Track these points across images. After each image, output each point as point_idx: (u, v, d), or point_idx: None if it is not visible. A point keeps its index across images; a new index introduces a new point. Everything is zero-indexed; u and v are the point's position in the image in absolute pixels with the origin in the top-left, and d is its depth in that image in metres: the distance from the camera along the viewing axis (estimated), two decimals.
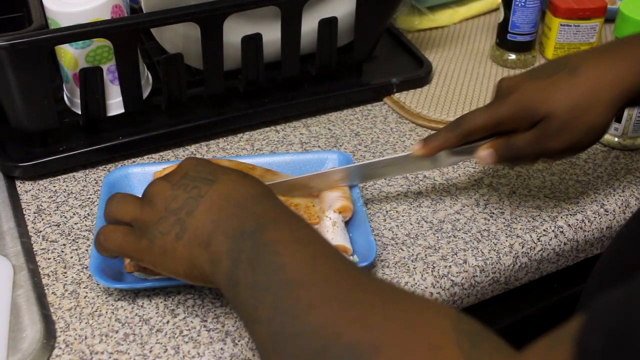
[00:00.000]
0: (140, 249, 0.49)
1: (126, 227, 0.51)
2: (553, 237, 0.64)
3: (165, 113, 0.75)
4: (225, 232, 0.45)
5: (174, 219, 0.48)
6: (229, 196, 0.47)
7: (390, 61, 0.86)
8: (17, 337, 0.53)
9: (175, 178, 0.50)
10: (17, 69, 0.63)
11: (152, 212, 0.49)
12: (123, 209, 0.51)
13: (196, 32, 0.69)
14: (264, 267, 0.42)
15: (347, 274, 0.42)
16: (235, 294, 0.43)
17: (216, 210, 0.47)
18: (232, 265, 0.44)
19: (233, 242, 0.45)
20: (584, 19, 0.85)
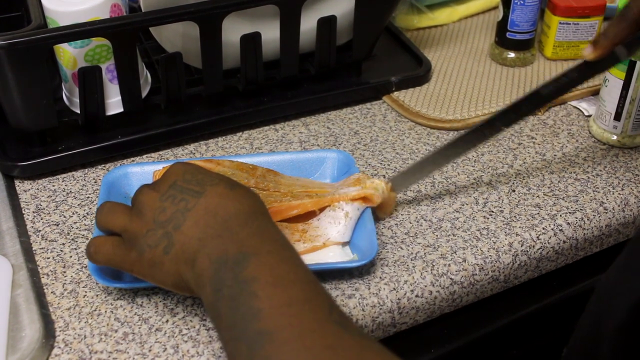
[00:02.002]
0: (130, 261, 0.50)
1: (116, 238, 0.51)
2: (552, 236, 0.64)
3: (164, 112, 0.74)
4: (210, 256, 0.46)
5: (161, 233, 0.48)
6: (215, 212, 0.47)
7: (389, 60, 0.86)
8: (16, 337, 0.53)
9: (164, 187, 0.50)
10: (15, 68, 0.63)
11: (141, 223, 0.49)
12: (113, 219, 0.51)
13: (195, 31, 0.69)
14: (242, 310, 0.42)
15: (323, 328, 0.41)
16: (218, 326, 0.44)
17: (202, 227, 0.47)
18: (214, 297, 0.44)
19: (216, 271, 0.45)
20: (583, 17, 0.85)
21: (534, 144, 0.75)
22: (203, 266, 0.46)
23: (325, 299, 0.44)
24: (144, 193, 0.51)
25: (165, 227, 0.48)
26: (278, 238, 0.47)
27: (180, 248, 0.47)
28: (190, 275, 0.47)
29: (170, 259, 0.48)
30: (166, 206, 0.49)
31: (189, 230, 0.47)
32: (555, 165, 0.72)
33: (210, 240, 0.46)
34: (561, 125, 0.78)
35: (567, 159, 0.73)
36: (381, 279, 0.59)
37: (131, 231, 0.50)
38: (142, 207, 0.50)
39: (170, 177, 0.51)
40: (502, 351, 0.75)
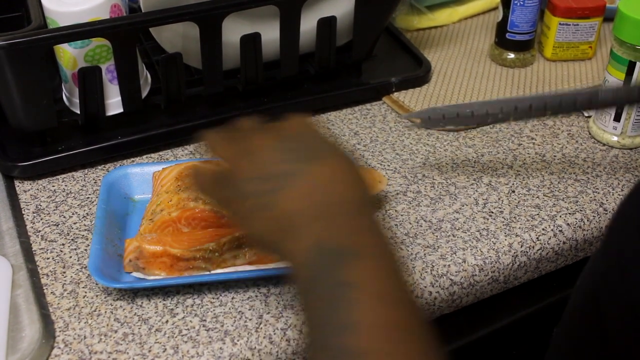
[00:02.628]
0: (230, 200, 0.48)
1: (220, 171, 0.49)
2: (552, 236, 0.64)
3: (164, 112, 0.74)
4: (310, 235, 0.43)
5: (268, 187, 0.45)
6: (325, 190, 0.44)
7: (389, 60, 0.86)
8: (16, 337, 0.53)
9: (279, 136, 0.48)
10: (15, 69, 0.63)
11: (250, 166, 0.47)
12: (222, 147, 0.50)
13: (195, 32, 0.69)
14: (335, 317, 0.38)
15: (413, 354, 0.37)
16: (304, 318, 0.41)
17: (308, 201, 0.44)
18: (306, 286, 0.41)
19: (313, 258, 0.41)
20: (583, 18, 0.85)
21: (534, 144, 0.75)
22: (300, 245, 0.43)
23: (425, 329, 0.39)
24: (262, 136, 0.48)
25: (273, 183, 0.45)
26: (382, 240, 0.43)
27: (280, 212, 0.44)
28: (283, 245, 0.44)
29: (268, 217, 0.45)
30: (277, 158, 0.46)
31: (294, 198, 0.44)
32: (555, 166, 0.72)
33: (313, 221, 0.43)
34: (561, 126, 0.78)
35: (566, 160, 0.73)
36: None
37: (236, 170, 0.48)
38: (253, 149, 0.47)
39: (289, 128, 0.48)
40: (502, 352, 0.75)
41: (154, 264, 0.57)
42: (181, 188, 0.61)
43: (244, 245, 0.59)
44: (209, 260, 0.58)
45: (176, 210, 0.60)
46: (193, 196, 0.60)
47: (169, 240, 0.58)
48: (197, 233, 0.59)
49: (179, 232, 0.60)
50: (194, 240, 0.58)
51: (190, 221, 0.60)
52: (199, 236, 0.58)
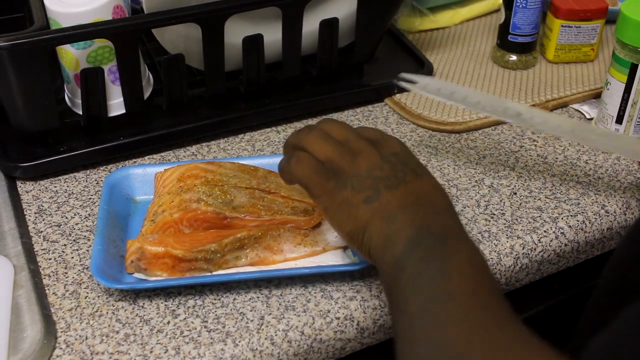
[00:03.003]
0: (325, 188, 0.51)
1: (319, 162, 0.52)
2: (554, 238, 0.64)
3: (166, 114, 0.75)
4: (413, 222, 0.47)
5: (371, 183, 0.49)
6: (427, 196, 0.49)
7: (391, 62, 0.86)
8: (17, 337, 0.53)
9: (386, 152, 0.51)
10: (18, 70, 0.63)
11: (352, 165, 0.50)
12: (321, 146, 0.52)
13: (197, 33, 0.69)
14: (433, 269, 0.44)
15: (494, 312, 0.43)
16: (395, 280, 0.45)
17: (412, 200, 0.48)
18: (406, 252, 0.46)
19: (416, 232, 0.46)
20: (585, 20, 0.85)
21: (536, 146, 0.75)
22: (403, 225, 0.47)
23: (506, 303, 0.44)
24: (365, 143, 0.52)
25: (376, 182, 0.49)
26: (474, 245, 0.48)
27: (383, 205, 0.48)
28: (381, 231, 0.48)
29: (367, 209, 0.49)
30: (385, 166, 0.50)
31: (398, 196, 0.49)
32: (556, 168, 0.72)
33: (416, 212, 0.48)
34: None
35: (568, 162, 0.73)
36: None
37: (338, 165, 0.51)
38: (359, 153, 0.51)
39: (392, 146, 0.52)
40: None
41: (156, 264, 0.57)
42: (183, 189, 0.61)
43: (246, 247, 0.59)
44: (210, 261, 0.58)
45: (178, 212, 0.60)
46: (195, 197, 0.60)
47: (170, 241, 0.58)
48: (199, 234, 0.59)
49: (181, 233, 0.60)
50: (195, 241, 0.58)
51: (192, 222, 0.60)
52: (200, 237, 0.58)
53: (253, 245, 0.59)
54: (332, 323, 0.56)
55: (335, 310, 0.56)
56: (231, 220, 0.60)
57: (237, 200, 0.61)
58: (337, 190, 0.50)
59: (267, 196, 0.62)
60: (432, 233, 0.46)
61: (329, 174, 0.51)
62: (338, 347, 0.57)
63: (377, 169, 0.50)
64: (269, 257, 0.59)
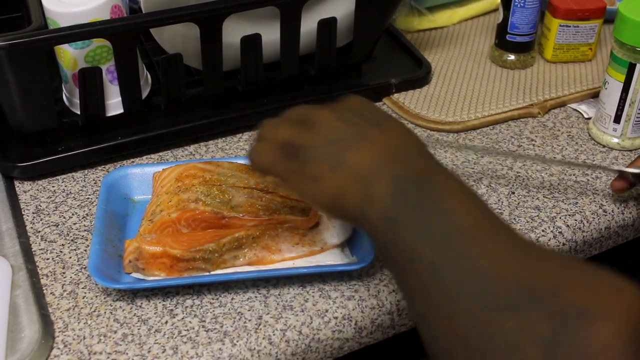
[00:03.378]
0: (290, 170, 0.49)
1: (278, 146, 0.50)
2: (552, 238, 0.64)
3: (164, 113, 0.75)
4: (388, 174, 0.45)
5: (331, 150, 0.47)
6: (390, 140, 0.47)
7: (389, 62, 0.86)
8: (15, 337, 0.53)
9: (339, 110, 0.50)
10: (16, 69, 0.63)
11: (310, 136, 0.49)
12: (277, 130, 0.51)
13: (195, 33, 0.69)
14: (430, 211, 0.42)
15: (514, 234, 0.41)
16: (391, 234, 0.43)
17: (379, 153, 0.46)
18: (392, 206, 0.43)
19: (396, 184, 0.44)
20: (583, 20, 0.85)
21: (534, 146, 0.75)
22: (380, 182, 0.44)
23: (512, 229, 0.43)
24: (318, 111, 0.50)
25: (336, 146, 0.47)
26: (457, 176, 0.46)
27: (351, 169, 0.46)
28: (358, 193, 0.45)
29: (335, 177, 0.46)
30: (340, 126, 0.48)
31: (363, 154, 0.46)
32: (554, 167, 0.72)
33: (390, 162, 0.45)
34: (561, 127, 0.78)
35: (566, 162, 0.73)
36: (380, 281, 0.59)
37: (297, 143, 0.49)
38: (313, 122, 0.49)
39: (347, 103, 0.51)
40: None
41: (154, 264, 0.57)
42: (181, 189, 0.61)
43: (244, 246, 0.59)
44: (208, 261, 0.58)
45: (176, 211, 0.60)
46: (194, 197, 0.60)
47: (168, 241, 0.58)
48: (197, 234, 0.59)
49: (179, 233, 0.60)
50: (193, 241, 0.58)
51: (190, 222, 0.60)
52: (198, 237, 0.58)
53: (251, 245, 0.59)
54: (330, 323, 0.56)
55: (333, 309, 0.56)
56: (229, 220, 0.60)
57: (235, 199, 0.61)
58: (300, 167, 0.48)
59: (265, 196, 0.62)
60: (413, 179, 0.44)
61: (290, 155, 0.49)
62: (336, 347, 0.57)
63: (334, 133, 0.48)
64: (267, 257, 0.59)
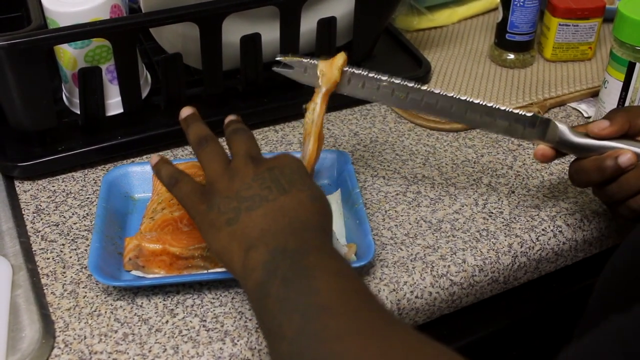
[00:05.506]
0: (197, 210, 0.51)
1: (198, 185, 0.53)
2: (552, 237, 0.64)
3: (164, 113, 0.74)
4: (268, 245, 0.47)
5: (235, 205, 0.49)
6: (287, 213, 0.48)
7: (389, 61, 0.86)
8: (16, 337, 0.53)
9: (262, 168, 0.51)
10: (15, 69, 0.63)
11: (227, 186, 0.51)
12: (210, 166, 0.53)
13: (195, 32, 0.69)
14: (298, 287, 0.43)
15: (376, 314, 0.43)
16: (262, 306, 0.44)
17: (270, 220, 0.48)
18: (265, 277, 0.45)
19: (272, 257, 0.46)
20: (583, 19, 0.86)
21: (534, 145, 0.75)
22: (258, 251, 0.46)
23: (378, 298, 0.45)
24: (246, 164, 0.52)
25: (240, 203, 0.49)
26: (338, 256, 0.47)
27: (240, 229, 0.48)
28: (239, 256, 0.47)
29: (228, 233, 0.49)
30: (253, 185, 0.50)
31: (256, 218, 0.48)
32: (554, 166, 0.72)
33: (273, 233, 0.47)
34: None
35: (566, 160, 0.73)
36: (381, 280, 0.59)
37: (216, 187, 0.51)
38: (236, 173, 0.51)
39: (274, 162, 0.52)
40: (501, 352, 0.75)
41: (154, 262, 0.57)
42: None
43: None
44: (207, 258, 0.58)
45: (178, 210, 0.60)
46: None
47: (168, 238, 0.58)
48: (196, 232, 0.59)
49: (179, 231, 0.60)
50: (193, 239, 0.58)
51: (192, 221, 0.60)
52: (198, 235, 0.58)
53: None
54: None
55: None
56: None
57: None
58: (206, 212, 0.50)
59: None
60: (289, 252, 0.45)
61: (203, 197, 0.51)
62: None
63: (245, 189, 0.50)
64: None
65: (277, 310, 0.43)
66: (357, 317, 0.41)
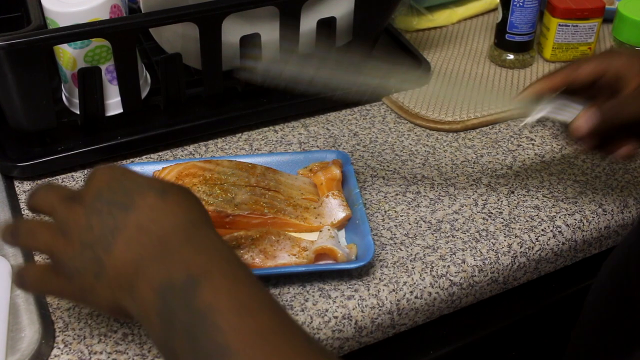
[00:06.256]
0: (60, 288, 0.45)
1: (42, 263, 0.46)
2: (551, 237, 0.64)
3: (163, 113, 0.75)
4: (151, 283, 0.40)
5: (90, 255, 0.43)
6: (148, 230, 0.42)
7: (389, 61, 0.86)
8: (15, 337, 0.53)
9: (89, 199, 0.44)
10: (15, 69, 0.63)
11: (67, 244, 0.44)
12: (34, 240, 0.46)
13: (195, 32, 0.69)
14: (205, 348, 0.37)
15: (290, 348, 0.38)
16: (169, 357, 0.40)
17: (136, 248, 0.42)
18: (164, 332, 0.39)
19: (162, 300, 0.40)
20: (582, 19, 0.86)
21: (533, 145, 0.75)
22: (144, 295, 0.40)
23: (298, 328, 0.39)
24: (68, 209, 0.44)
25: (94, 249, 0.42)
26: (227, 255, 0.42)
27: (113, 274, 0.42)
28: (129, 303, 0.42)
29: (102, 285, 0.42)
30: (93, 223, 0.43)
31: (121, 254, 0.42)
32: (554, 167, 0.72)
33: (149, 263, 0.41)
34: (560, 127, 0.78)
35: (566, 161, 0.73)
36: (380, 280, 0.59)
37: (57, 253, 0.44)
38: (66, 225, 0.44)
39: (95, 186, 0.44)
40: (501, 352, 0.75)
41: None
42: None
43: (242, 246, 0.58)
44: None
45: None
46: None
47: None
48: None
49: None
50: None
51: None
52: None
53: (250, 247, 0.59)
54: (330, 322, 0.56)
55: (334, 309, 0.56)
56: (234, 218, 0.60)
57: (239, 197, 0.61)
58: (69, 282, 0.43)
59: (267, 193, 0.63)
60: (178, 288, 0.39)
61: (56, 270, 0.44)
62: (336, 346, 0.57)
63: (87, 232, 0.43)
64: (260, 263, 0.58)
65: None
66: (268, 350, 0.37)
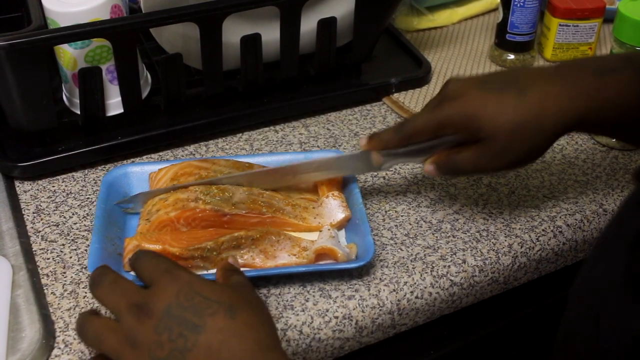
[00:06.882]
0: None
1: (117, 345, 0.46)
2: (552, 237, 0.64)
3: (164, 113, 0.75)
4: None
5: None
6: (218, 353, 0.43)
7: (389, 61, 0.87)
8: (16, 337, 0.53)
9: (158, 313, 0.45)
10: (16, 69, 0.63)
11: (136, 356, 0.44)
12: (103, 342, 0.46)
13: (195, 32, 0.69)
14: None
15: None
16: None
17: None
18: None
19: None
20: (583, 19, 0.86)
21: None
22: None
23: None
24: (134, 316, 0.45)
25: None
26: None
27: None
28: None
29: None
30: (163, 341, 0.44)
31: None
32: (554, 166, 0.72)
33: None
34: None
35: (566, 161, 0.73)
36: (381, 280, 0.59)
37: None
38: (133, 336, 0.45)
39: (163, 299, 0.45)
40: (501, 352, 0.75)
41: None
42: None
43: (243, 246, 0.59)
44: (207, 259, 0.58)
45: (174, 210, 0.60)
46: (193, 197, 0.60)
47: (168, 239, 0.58)
48: (196, 232, 0.59)
49: (178, 231, 0.60)
50: (192, 239, 0.58)
51: (190, 221, 0.60)
52: (198, 235, 0.58)
53: (250, 247, 0.59)
54: (331, 322, 0.56)
55: (334, 309, 0.56)
56: (232, 217, 0.60)
57: (236, 197, 0.61)
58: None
59: (265, 192, 0.63)
60: None
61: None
62: (337, 346, 0.57)
63: (157, 349, 0.43)
64: (260, 263, 0.58)
65: None
66: None
